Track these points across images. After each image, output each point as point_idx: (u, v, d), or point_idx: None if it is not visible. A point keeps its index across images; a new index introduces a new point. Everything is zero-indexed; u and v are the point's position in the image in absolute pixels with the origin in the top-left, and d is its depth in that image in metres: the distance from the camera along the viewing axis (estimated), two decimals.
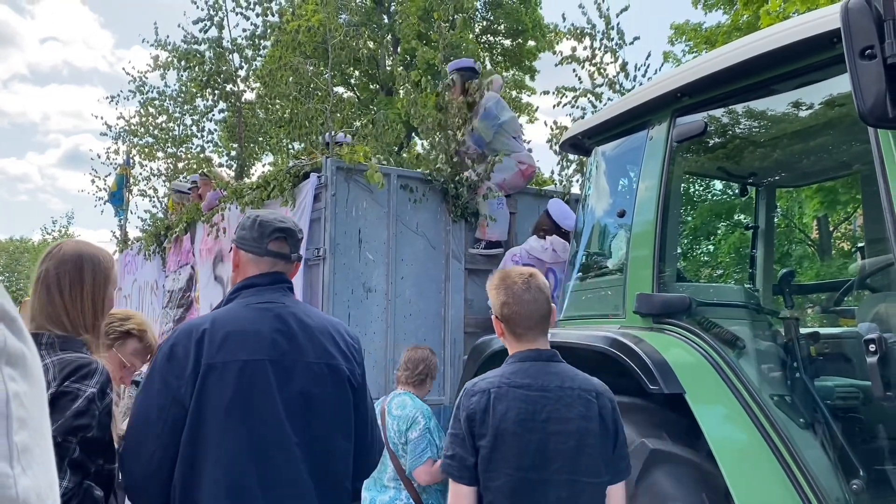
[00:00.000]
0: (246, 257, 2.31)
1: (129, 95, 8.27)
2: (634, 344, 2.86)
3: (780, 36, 2.68)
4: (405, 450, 3.71)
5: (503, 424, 2.13)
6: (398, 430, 3.73)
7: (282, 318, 2.21)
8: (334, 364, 2.22)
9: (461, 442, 2.19)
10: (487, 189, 5.05)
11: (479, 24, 22.18)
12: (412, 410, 3.76)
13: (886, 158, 2.37)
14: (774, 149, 3.66)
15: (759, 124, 3.39)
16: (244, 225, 2.36)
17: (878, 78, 1.85)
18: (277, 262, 2.34)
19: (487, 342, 3.80)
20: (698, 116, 3.11)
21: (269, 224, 2.33)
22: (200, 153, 7.33)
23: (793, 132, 3.45)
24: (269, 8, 6.78)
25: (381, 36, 19.62)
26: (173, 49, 7.34)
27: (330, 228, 4.62)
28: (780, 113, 3.23)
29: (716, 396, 2.75)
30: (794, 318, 3.03)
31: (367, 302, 4.74)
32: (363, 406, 2.33)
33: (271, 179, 5.10)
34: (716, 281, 7.20)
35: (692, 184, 8.05)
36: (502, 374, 2.25)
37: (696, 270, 8.12)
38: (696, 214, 8.91)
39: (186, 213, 6.60)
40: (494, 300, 2.34)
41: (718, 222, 8.63)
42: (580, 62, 6.71)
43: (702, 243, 9.52)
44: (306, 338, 2.20)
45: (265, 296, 2.26)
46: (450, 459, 2.23)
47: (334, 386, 2.21)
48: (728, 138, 3.50)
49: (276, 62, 6.61)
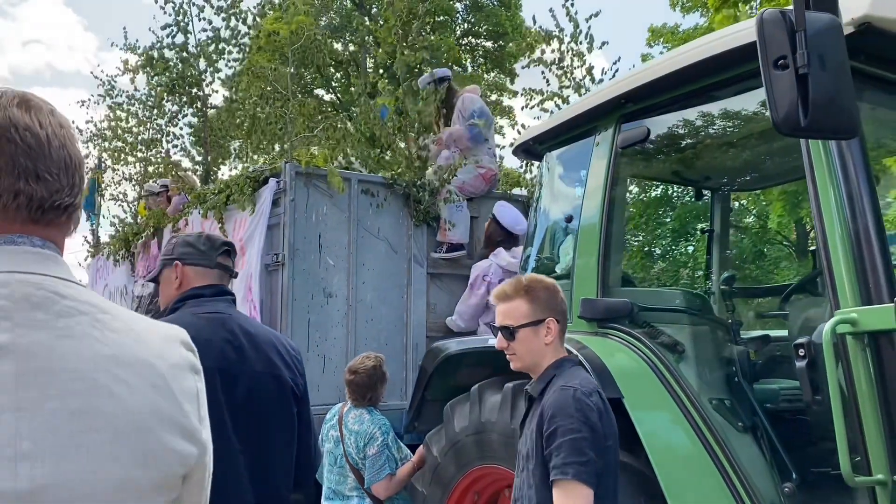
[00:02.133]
0: (192, 271, 2.36)
1: (100, 99, 8.23)
2: (577, 349, 2.87)
3: (719, 43, 2.70)
4: (364, 464, 3.72)
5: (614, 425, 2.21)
6: (356, 445, 3.73)
7: (229, 329, 2.24)
8: (278, 374, 2.26)
9: (592, 444, 2.06)
10: (447, 192, 5.06)
11: (460, 26, 22.24)
12: (369, 426, 3.74)
13: (816, 165, 2.40)
14: (724, 153, 3.70)
15: (707, 129, 3.41)
16: (186, 242, 2.41)
17: (790, 88, 1.87)
18: (224, 276, 2.42)
19: (442, 346, 3.81)
20: (643, 122, 3.14)
21: (216, 238, 2.44)
22: (168, 157, 7.30)
23: (741, 137, 3.48)
24: (236, 13, 6.76)
25: (362, 38, 19.59)
26: (142, 53, 7.31)
27: (289, 234, 4.61)
28: (726, 118, 3.26)
29: (655, 401, 2.77)
30: (736, 321, 3.06)
31: (328, 307, 4.74)
32: (306, 416, 2.37)
33: (231, 184, 5.09)
34: (670, 285, 7.26)
35: (648, 188, 8.11)
36: (581, 376, 2.29)
37: (648, 275, 8.19)
38: (650, 218, 8.98)
39: (153, 219, 6.57)
40: (555, 303, 2.34)
41: (674, 226, 8.70)
42: (547, 65, 6.75)
43: (655, 247, 9.60)
44: (252, 348, 2.24)
45: (211, 306, 2.29)
46: (584, 466, 2.03)
47: (278, 396, 2.25)
48: (677, 143, 3.53)
49: (244, 67, 6.61)
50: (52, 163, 1.02)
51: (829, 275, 2.29)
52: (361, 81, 7.19)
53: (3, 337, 0.90)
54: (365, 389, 3.81)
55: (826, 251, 2.29)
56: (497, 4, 21.69)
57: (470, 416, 3.26)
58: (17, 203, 0.99)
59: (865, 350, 2.15)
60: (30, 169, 1.00)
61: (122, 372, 0.96)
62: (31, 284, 0.96)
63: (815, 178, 2.39)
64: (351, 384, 3.85)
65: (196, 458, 1.03)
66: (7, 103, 1.01)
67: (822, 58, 1.88)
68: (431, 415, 3.74)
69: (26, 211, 1.00)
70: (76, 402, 0.91)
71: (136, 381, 0.97)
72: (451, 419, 3.39)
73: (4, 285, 0.94)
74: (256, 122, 5.45)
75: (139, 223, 7.56)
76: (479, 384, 3.30)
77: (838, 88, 1.88)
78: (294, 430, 2.29)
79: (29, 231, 1.01)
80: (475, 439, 3.21)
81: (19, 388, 0.88)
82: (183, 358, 1.09)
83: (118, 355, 0.97)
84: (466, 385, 3.40)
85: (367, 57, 20.29)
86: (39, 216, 1.02)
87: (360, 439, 3.73)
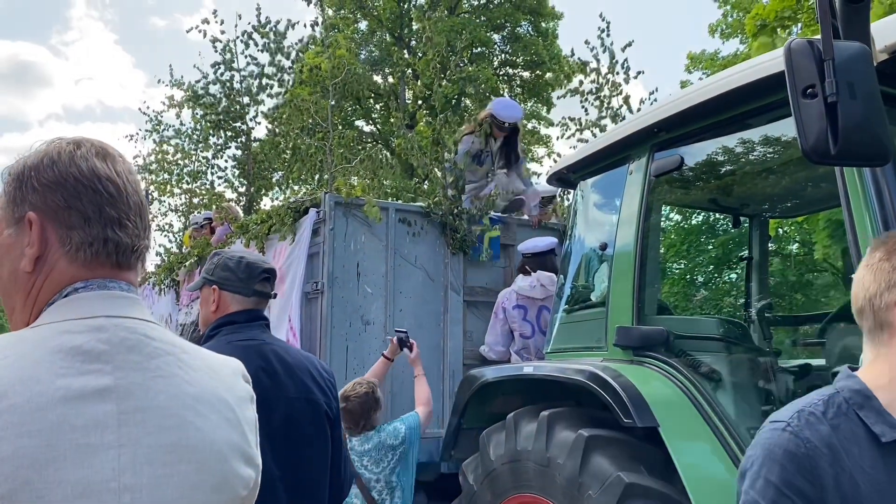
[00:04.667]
0: (230, 297, 2.42)
1: (146, 134, 8.53)
2: (612, 378, 2.87)
3: (750, 72, 2.72)
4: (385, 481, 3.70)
5: None
6: (375, 460, 3.70)
7: (263, 356, 2.30)
8: (313, 398, 2.31)
9: None
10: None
11: (497, 56, 22.46)
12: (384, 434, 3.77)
13: (850, 192, 2.39)
14: (759, 180, 3.68)
15: (740, 157, 3.41)
16: (226, 266, 2.45)
17: (819, 116, 1.88)
18: (261, 301, 2.47)
19: (478, 374, 3.82)
20: (676, 151, 3.15)
21: (256, 266, 2.46)
22: (212, 189, 7.51)
23: (775, 164, 3.46)
24: (280, 49, 6.97)
25: (401, 71, 19.92)
26: (188, 88, 7.57)
27: (328, 262, 4.70)
28: (759, 145, 3.26)
29: (691, 430, 2.75)
30: (774, 350, 3.02)
31: (366, 335, 4.80)
32: (338, 438, 2.42)
33: (273, 214, 5.21)
34: (707, 313, 7.17)
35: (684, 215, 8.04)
36: None
37: (684, 303, 8.08)
38: (686, 246, 8.88)
39: (197, 248, 6.75)
40: None
41: (710, 254, 8.58)
42: (584, 95, 6.81)
43: (692, 275, 9.46)
44: (286, 374, 2.29)
45: (245, 333, 2.36)
46: None
47: (313, 420, 2.30)
48: (711, 171, 3.53)
49: (287, 100, 6.80)
50: (129, 210, 1.10)
51: None
52: (401, 114, 7.35)
53: (106, 379, 0.99)
54: (358, 417, 3.73)
55: None
56: (534, 35, 21.87)
57: (506, 445, 3.26)
58: (107, 250, 1.08)
59: None
60: (114, 217, 1.08)
61: (203, 408, 1.07)
62: (126, 329, 1.04)
63: (850, 204, 2.37)
64: (343, 412, 3.65)
65: (254, 480, 1.15)
66: (87, 154, 1.09)
67: (851, 86, 1.88)
68: (467, 443, 3.75)
69: (114, 257, 1.08)
70: (169, 438, 1.01)
71: (214, 417, 1.08)
72: (486, 447, 3.39)
73: (103, 330, 1.02)
74: (297, 154, 5.59)
75: (183, 253, 7.76)
76: (514, 413, 3.31)
77: (868, 116, 1.88)
78: (328, 452, 2.34)
79: (116, 276, 1.09)
80: (510, 468, 3.21)
81: (121, 426, 0.97)
82: (245, 390, 1.21)
83: (199, 393, 1.08)
84: (502, 413, 3.40)
85: (406, 89, 20.61)
86: (124, 261, 1.10)
87: (379, 450, 3.70)
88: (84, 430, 0.94)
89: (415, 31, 21.00)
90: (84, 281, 1.06)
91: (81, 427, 0.94)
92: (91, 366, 0.98)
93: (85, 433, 0.94)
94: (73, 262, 1.06)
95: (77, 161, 1.07)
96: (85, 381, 0.97)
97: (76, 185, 1.06)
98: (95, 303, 1.05)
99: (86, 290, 1.06)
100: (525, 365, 3.80)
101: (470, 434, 3.72)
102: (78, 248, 1.06)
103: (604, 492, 2.65)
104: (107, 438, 0.95)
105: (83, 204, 1.06)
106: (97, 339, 1.01)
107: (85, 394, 0.96)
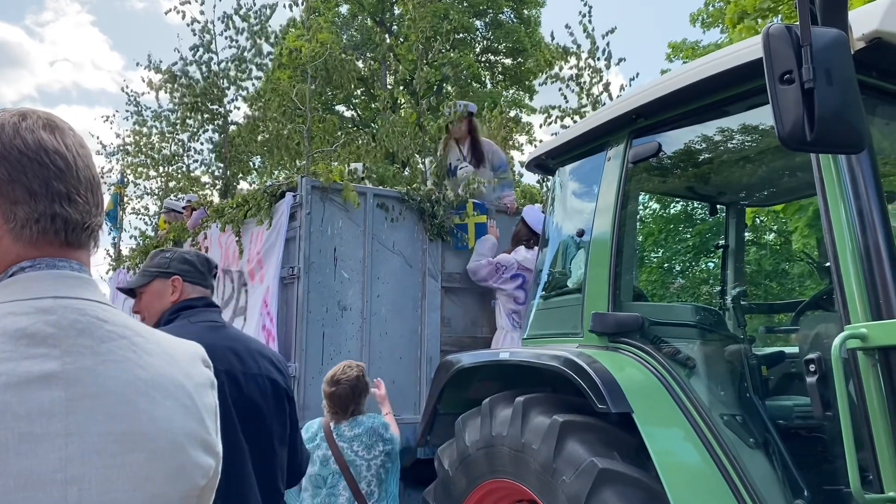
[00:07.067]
0: (191, 288, 2.59)
1: (127, 115, 8.39)
2: (587, 364, 2.87)
3: (729, 58, 2.71)
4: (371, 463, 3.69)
5: None
6: (365, 445, 3.68)
7: (228, 335, 2.48)
8: (273, 378, 2.44)
9: None
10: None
11: (479, 43, 22.37)
12: (374, 418, 3.77)
13: (826, 180, 2.39)
14: (736, 168, 3.69)
15: (718, 144, 3.41)
16: (185, 260, 2.64)
17: (795, 102, 1.88)
18: (212, 294, 2.70)
19: (454, 360, 3.81)
20: (654, 137, 3.15)
21: (211, 261, 2.73)
22: (188, 172, 7.41)
23: (753, 152, 3.47)
24: (259, 31, 6.86)
25: (382, 55, 19.77)
26: (165, 71, 7.44)
27: (305, 247, 4.66)
28: (737, 133, 3.26)
29: (665, 417, 2.76)
30: (748, 337, 3.04)
31: (342, 320, 4.77)
32: (295, 417, 2.57)
33: (249, 199, 5.15)
34: (683, 300, 7.21)
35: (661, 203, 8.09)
36: None
37: (659, 290, 8.15)
38: (663, 233, 8.95)
39: (173, 232, 6.66)
40: None
41: (686, 241, 8.65)
42: (564, 81, 6.78)
43: (668, 262, 9.54)
44: (248, 353, 2.42)
45: (204, 315, 2.51)
46: None
47: (275, 398, 2.43)
48: (688, 158, 3.53)
49: (266, 84, 6.71)
50: (80, 185, 1.04)
51: (839, 290, 2.27)
52: (384, 96, 7.27)
53: (53, 364, 0.93)
54: (348, 401, 3.66)
55: (836, 266, 2.28)
56: (516, 22, 21.82)
57: (481, 430, 3.26)
58: (55, 227, 1.01)
59: (876, 365, 2.13)
60: (62, 192, 1.01)
61: (158, 395, 1.02)
62: (76, 310, 0.98)
63: (825, 192, 2.38)
64: (332, 396, 3.66)
65: (214, 469, 1.10)
66: (33, 126, 1.03)
67: (828, 72, 1.88)
68: (443, 429, 3.74)
69: (63, 234, 1.02)
70: (119, 426, 0.96)
71: (170, 403, 1.03)
72: (462, 433, 3.39)
73: (51, 312, 0.96)
74: (277, 139, 5.52)
75: (159, 236, 7.66)
76: (490, 398, 3.30)
77: (845, 103, 1.88)
78: (287, 430, 2.47)
79: (65, 254, 1.03)
80: (485, 453, 3.21)
81: (69, 413, 0.92)
82: (204, 375, 1.16)
83: (154, 379, 1.02)
84: (478, 399, 3.40)
85: (388, 73, 20.45)
86: (74, 239, 1.04)
87: (371, 435, 3.67)
88: (28, 419, 0.88)
89: (396, 17, 20.85)
90: (31, 260, 1.00)
91: (25, 415, 0.88)
92: (36, 349, 0.92)
93: (29, 421, 0.88)
94: (18, 239, 1.00)
95: (22, 133, 1.01)
96: (29, 365, 0.91)
97: (21, 157, 1.00)
98: (43, 283, 0.99)
99: (33, 270, 1.00)
100: (501, 351, 3.80)
101: (446, 419, 3.71)
102: (23, 224, 1.00)
103: (577, 477, 2.65)
104: (53, 427, 0.90)
105: (28, 178, 0.99)
106: (44, 322, 0.95)
107: (29, 379, 0.90)
